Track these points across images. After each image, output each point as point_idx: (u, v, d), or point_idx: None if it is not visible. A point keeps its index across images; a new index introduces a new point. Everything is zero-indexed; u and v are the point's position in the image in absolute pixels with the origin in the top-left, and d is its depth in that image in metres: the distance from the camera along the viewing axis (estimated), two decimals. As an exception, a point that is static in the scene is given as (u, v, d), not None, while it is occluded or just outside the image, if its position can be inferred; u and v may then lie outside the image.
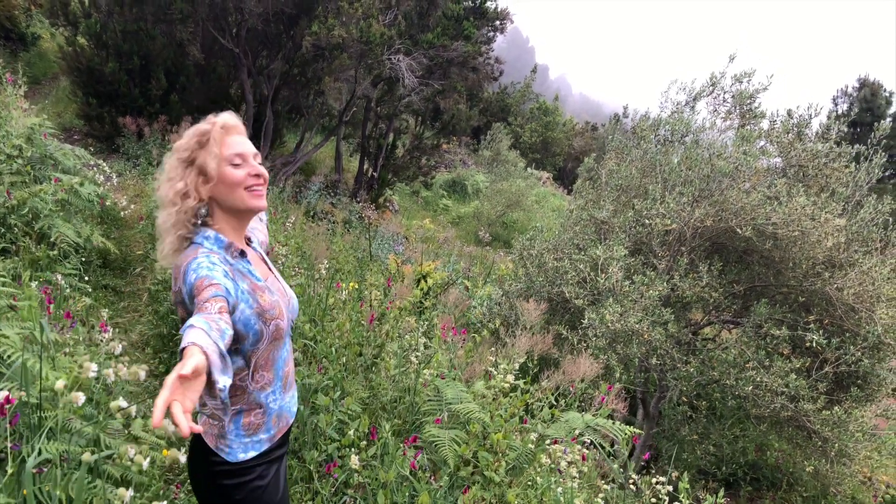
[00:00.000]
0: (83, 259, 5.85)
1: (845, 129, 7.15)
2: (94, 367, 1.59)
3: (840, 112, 31.24)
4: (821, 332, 5.85)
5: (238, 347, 1.71)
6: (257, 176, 1.80)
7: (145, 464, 1.52)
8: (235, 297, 1.63)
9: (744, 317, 6.70)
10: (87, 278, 5.51)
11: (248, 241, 1.98)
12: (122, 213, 7.86)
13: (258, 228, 2.15)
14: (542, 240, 8.59)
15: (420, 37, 13.39)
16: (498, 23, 14.61)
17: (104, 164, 8.16)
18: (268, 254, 2.16)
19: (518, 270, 8.73)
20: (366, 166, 15.90)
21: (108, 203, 7.52)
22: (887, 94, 30.64)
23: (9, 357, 2.26)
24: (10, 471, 1.51)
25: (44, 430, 1.76)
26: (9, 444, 1.56)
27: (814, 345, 5.80)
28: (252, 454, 1.80)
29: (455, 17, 13.56)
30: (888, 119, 30.38)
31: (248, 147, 1.83)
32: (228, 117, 1.85)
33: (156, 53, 11.76)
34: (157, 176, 1.92)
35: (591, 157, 10.91)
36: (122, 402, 1.56)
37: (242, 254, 1.82)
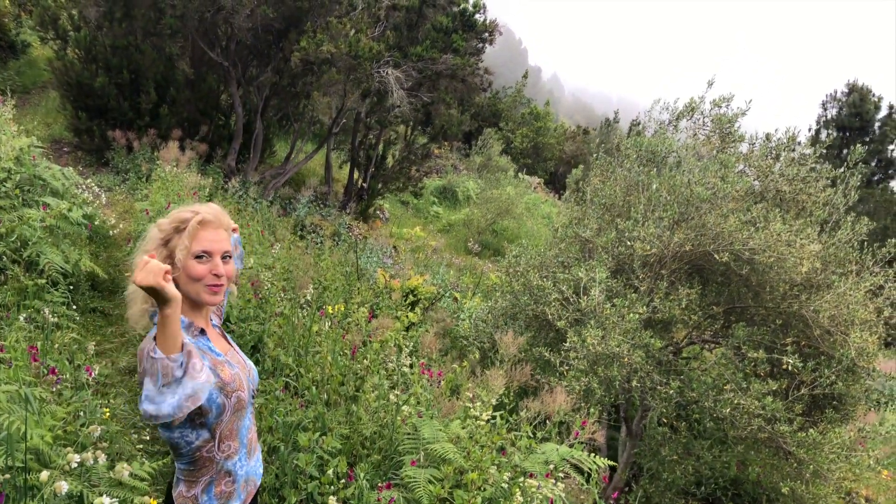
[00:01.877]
0: (71, 284, 5.92)
1: (834, 135, 7.31)
2: (77, 458, 1.69)
3: (829, 117, 31.53)
4: (797, 354, 5.98)
5: (203, 421, 1.80)
6: (217, 276, 1.89)
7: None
8: None
9: (724, 337, 6.83)
10: (74, 306, 5.57)
11: (210, 319, 2.08)
12: (110, 231, 7.93)
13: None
14: (529, 256, 8.69)
15: (409, 49, 13.49)
16: (486, 34, 14.71)
17: (93, 184, 8.24)
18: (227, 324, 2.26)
19: (504, 286, 8.83)
20: (356, 176, 15.98)
21: (96, 223, 7.59)
22: (876, 99, 30.88)
23: (-6, 418, 2.35)
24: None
25: (41, 496, 1.85)
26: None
27: (790, 367, 5.93)
28: None
29: (444, 29, 13.66)
30: (876, 124, 30.67)
31: (218, 245, 1.92)
32: (209, 211, 1.95)
33: (145, 67, 11.82)
34: (139, 245, 1.99)
35: (579, 168, 11.04)
36: (105, 500, 1.65)
37: (202, 332, 1.92)
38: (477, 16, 14.36)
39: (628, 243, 6.80)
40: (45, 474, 1.66)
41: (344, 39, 11.58)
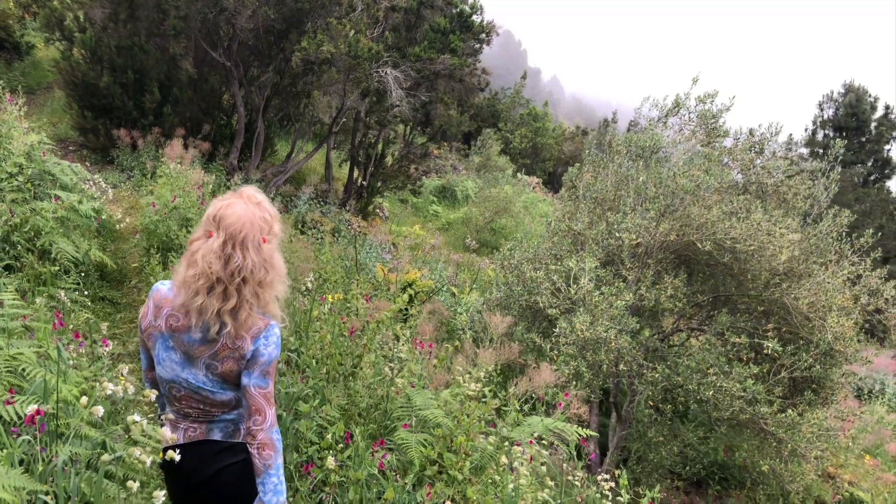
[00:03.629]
0: (82, 273, 6.19)
1: (831, 135, 7.61)
2: (111, 386, 1.95)
3: (826, 117, 31.79)
4: (777, 339, 6.25)
5: None
6: None
7: (148, 461, 1.88)
8: None
9: (709, 324, 7.10)
10: (86, 292, 5.84)
11: None
12: (117, 225, 8.21)
13: None
14: (523, 250, 8.96)
15: (408, 50, 13.76)
16: (484, 35, 14.99)
17: (100, 179, 8.51)
18: None
19: (498, 279, 9.10)
20: (356, 175, 16.26)
21: (104, 217, 7.86)
22: (872, 100, 31.13)
23: (27, 373, 2.61)
24: (40, 468, 1.87)
25: (69, 437, 2.12)
26: (38, 448, 1.92)
27: (770, 351, 6.20)
28: None
29: (442, 30, 13.94)
30: (873, 124, 30.93)
31: None
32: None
33: (149, 67, 12.10)
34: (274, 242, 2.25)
35: (575, 167, 11.28)
36: (136, 417, 1.91)
37: None
38: (474, 17, 14.65)
39: (617, 235, 7.07)
40: (84, 399, 1.92)
41: (343, 40, 11.86)
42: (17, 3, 16.87)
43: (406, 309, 8.42)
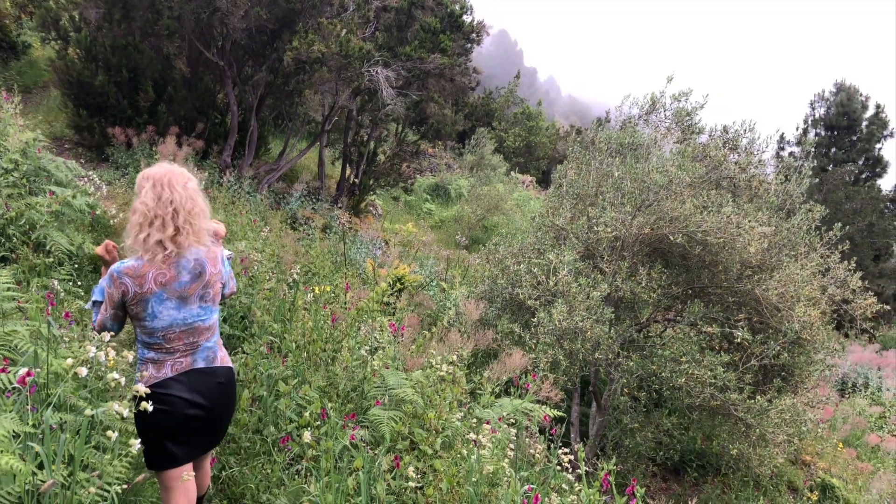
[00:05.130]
0: (76, 266, 6.40)
1: (822, 134, 7.87)
2: (92, 349, 2.17)
3: (817, 116, 32.03)
4: (748, 329, 6.49)
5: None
6: None
7: (125, 412, 2.10)
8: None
9: (684, 315, 7.33)
10: (79, 283, 6.05)
11: None
12: (111, 221, 8.41)
13: None
14: (508, 244, 9.19)
15: (398, 49, 13.98)
16: (474, 35, 15.21)
17: (95, 176, 8.71)
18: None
19: (485, 272, 9.33)
20: (348, 172, 16.47)
21: (98, 212, 8.06)
22: (863, 99, 31.35)
23: (20, 348, 2.83)
24: (30, 422, 2.09)
25: (51, 401, 2.34)
26: (29, 408, 2.14)
27: (741, 340, 6.43)
28: None
29: (432, 30, 14.15)
30: (864, 123, 31.18)
31: None
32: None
33: (144, 66, 12.30)
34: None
35: (564, 164, 11.50)
36: (115, 375, 2.13)
37: None
38: (464, 17, 14.87)
39: (596, 229, 7.30)
40: (69, 361, 2.13)
41: (335, 40, 12.07)
42: (14, 3, 17.05)
43: (393, 303, 8.64)
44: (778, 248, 6.98)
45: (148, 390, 2.42)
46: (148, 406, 2.23)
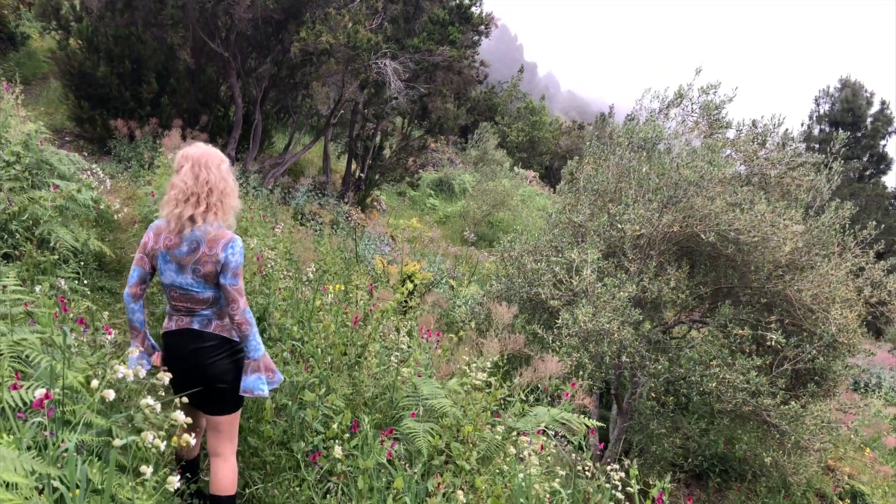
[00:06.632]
0: (81, 262, 6.13)
1: (827, 130, 7.59)
2: (122, 369, 1.91)
3: (822, 112, 31.81)
4: (780, 331, 6.23)
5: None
6: None
7: (163, 446, 1.84)
8: None
9: (711, 316, 7.07)
10: (85, 281, 5.78)
11: None
12: (115, 215, 8.13)
13: None
14: (523, 242, 8.92)
15: (406, 41, 13.69)
16: (483, 27, 14.92)
17: (98, 169, 8.43)
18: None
19: (499, 271, 9.07)
20: (353, 167, 16.19)
21: (102, 207, 7.79)
22: (868, 95, 31.13)
23: (31, 358, 2.56)
24: (51, 453, 1.82)
25: (75, 425, 2.07)
26: (47, 434, 1.87)
27: (774, 343, 6.18)
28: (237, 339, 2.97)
29: (440, 21, 13.86)
30: (868, 119, 30.97)
31: None
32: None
33: (147, 57, 11.99)
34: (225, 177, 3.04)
35: (574, 160, 11.23)
36: (149, 400, 1.87)
37: None
38: (473, 8, 14.58)
39: (619, 226, 7.04)
40: (94, 382, 1.87)
41: (343, 30, 11.78)
42: (12, -7, 16.73)
43: (405, 301, 8.37)
44: (808, 247, 6.73)
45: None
46: (165, 378, 2.59)
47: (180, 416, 1.92)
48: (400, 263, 10.43)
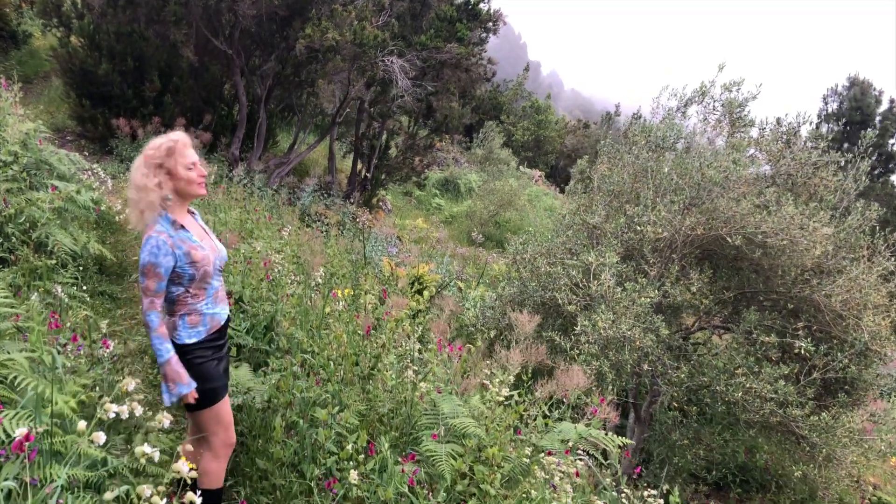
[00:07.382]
0: (80, 267, 5.88)
1: (835, 128, 7.29)
2: (114, 407, 1.66)
3: (830, 111, 31.43)
4: (809, 338, 5.96)
5: (181, 281, 2.75)
6: (202, 176, 2.84)
7: (162, 503, 1.59)
8: (175, 260, 2.68)
9: (734, 322, 6.80)
10: (84, 287, 5.54)
11: (193, 213, 2.99)
12: (116, 217, 7.88)
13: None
14: (535, 244, 8.65)
15: (413, 38, 13.43)
16: (490, 24, 14.66)
17: (99, 169, 8.18)
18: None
19: (511, 273, 8.80)
20: (359, 167, 15.93)
21: (102, 208, 7.54)
22: (877, 93, 30.76)
23: (18, 382, 2.31)
24: (30, 501, 1.58)
25: (66, 458, 1.82)
26: (27, 479, 1.61)
27: (802, 351, 5.91)
28: (194, 339, 2.79)
29: (448, 18, 13.60)
30: (877, 117, 30.59)
31: (195, 156, 2.85)
32: (183, 135, 2.85)
33: (149, 55, 11.76)
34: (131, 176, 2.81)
35: (584, 159, 10.97)
36: (146, 448, 1.62)
37: (182, 227, 2.78)
38: (481, 5, 14.31)
39: (638, 228, 6.77)
40: (82, 424, 1.63)
41: (349, 27, 11.52)
42: (14, -10, 16.53)
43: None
44: (835, 251, 6.45)
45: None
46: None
47: (184, 469, 1.66)
48: (409, 266, 10.17)
